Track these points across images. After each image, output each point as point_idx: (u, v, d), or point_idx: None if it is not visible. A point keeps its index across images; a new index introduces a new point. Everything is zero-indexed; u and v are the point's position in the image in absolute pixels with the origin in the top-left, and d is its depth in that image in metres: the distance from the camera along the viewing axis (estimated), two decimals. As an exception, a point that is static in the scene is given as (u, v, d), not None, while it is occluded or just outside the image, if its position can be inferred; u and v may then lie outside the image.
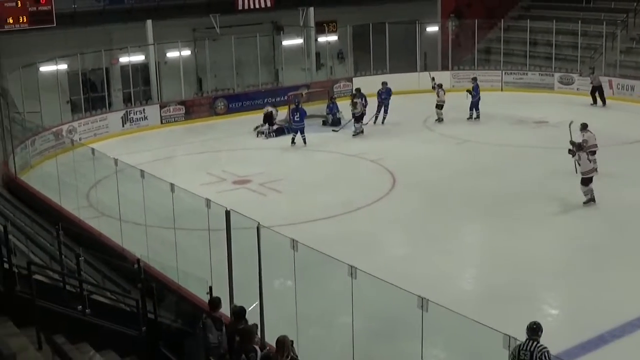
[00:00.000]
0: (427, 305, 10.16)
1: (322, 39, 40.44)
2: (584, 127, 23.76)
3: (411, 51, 40.72)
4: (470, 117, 33.09)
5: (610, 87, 35.97)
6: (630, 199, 21.73)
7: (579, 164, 21.32)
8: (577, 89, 36.59)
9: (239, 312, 12.08)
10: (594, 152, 22.65)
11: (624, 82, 35.90)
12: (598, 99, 34.73)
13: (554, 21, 39.07)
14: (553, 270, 17.31)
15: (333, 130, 31.74)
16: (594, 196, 21.30)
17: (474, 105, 32.97)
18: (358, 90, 31.72)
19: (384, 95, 32.56)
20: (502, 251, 18.54)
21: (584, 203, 21.33)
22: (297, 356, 11.12)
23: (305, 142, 29.65)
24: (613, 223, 20.07)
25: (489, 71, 39.84)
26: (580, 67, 37.80)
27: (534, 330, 10.98)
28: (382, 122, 32.43)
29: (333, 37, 40.96)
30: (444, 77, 38.52)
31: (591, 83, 35.11)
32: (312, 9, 39.20)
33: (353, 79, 39.12)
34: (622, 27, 39.51)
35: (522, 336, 10.32)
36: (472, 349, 12.48)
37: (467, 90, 33.10)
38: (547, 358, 10.76)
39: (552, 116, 31.84)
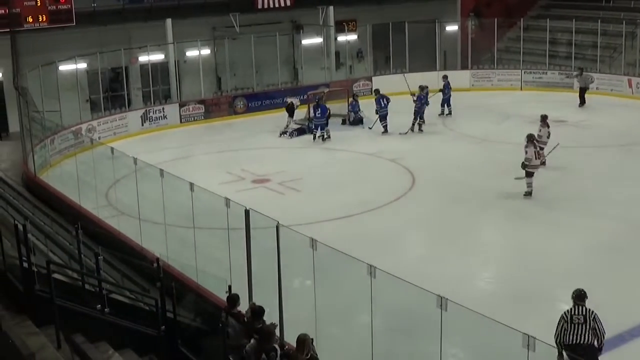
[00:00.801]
0: (446, 305, 10.16)
1: (341, 38, 40.45)
2: (543, 119, 24.31)
3: (431, 50, 40.64)
4: (442, 113, 33.42)
5: (630, 86, 35.92)
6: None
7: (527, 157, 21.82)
8: (597, 87, 36.38)
9: (258, 311, 12.07)
10: (542, 148, 23.07)
11: (644, 81, 35.74)
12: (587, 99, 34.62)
13: (574, 20, 38.95)
14: (572, 270, 17.17)
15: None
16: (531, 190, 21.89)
17: (446, 102, 33.37)
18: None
19: (424, 100, 30.75)
20: (521, 251, 18.45)
21: (524, 195, 21.84)
22: (317, 354, 11.12)
23: (324, 139, 29.74)
24: (631, 223, 19.88)
25: (509, 70, 39.77)
26: (600, 65, 37.70)
27: (581, 296, 11.82)
28: (420, 129, 30.88)
29: (353, 36, 40.91)
30: (463, 76, 38.58)
31: (578, 83, 35.21)
32: (331, 7, 39.24)
33: (372, 78, 39.21)
34: (642, 27, 39.36)
35: (541, 335, 10.23)
36: (491, 349, 12.42)
37: (440, 90, 33.11)
38: (599, 320, 11.67)
39: (571, 116, 31.70)
